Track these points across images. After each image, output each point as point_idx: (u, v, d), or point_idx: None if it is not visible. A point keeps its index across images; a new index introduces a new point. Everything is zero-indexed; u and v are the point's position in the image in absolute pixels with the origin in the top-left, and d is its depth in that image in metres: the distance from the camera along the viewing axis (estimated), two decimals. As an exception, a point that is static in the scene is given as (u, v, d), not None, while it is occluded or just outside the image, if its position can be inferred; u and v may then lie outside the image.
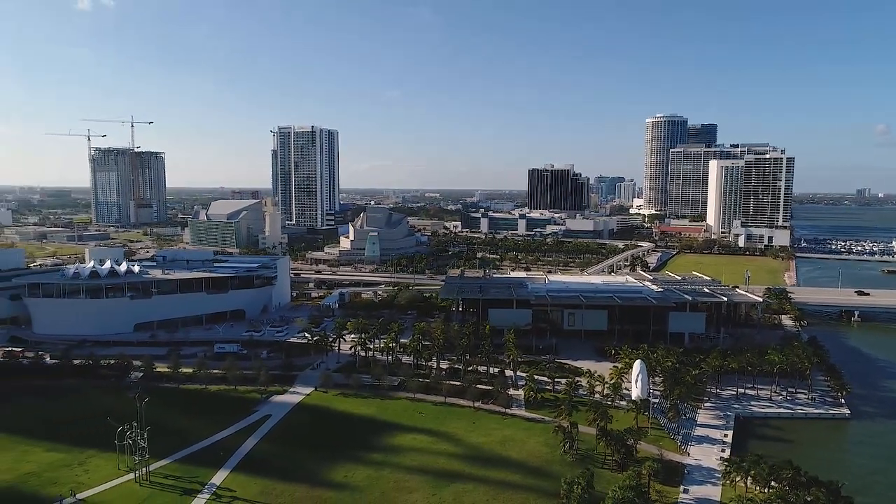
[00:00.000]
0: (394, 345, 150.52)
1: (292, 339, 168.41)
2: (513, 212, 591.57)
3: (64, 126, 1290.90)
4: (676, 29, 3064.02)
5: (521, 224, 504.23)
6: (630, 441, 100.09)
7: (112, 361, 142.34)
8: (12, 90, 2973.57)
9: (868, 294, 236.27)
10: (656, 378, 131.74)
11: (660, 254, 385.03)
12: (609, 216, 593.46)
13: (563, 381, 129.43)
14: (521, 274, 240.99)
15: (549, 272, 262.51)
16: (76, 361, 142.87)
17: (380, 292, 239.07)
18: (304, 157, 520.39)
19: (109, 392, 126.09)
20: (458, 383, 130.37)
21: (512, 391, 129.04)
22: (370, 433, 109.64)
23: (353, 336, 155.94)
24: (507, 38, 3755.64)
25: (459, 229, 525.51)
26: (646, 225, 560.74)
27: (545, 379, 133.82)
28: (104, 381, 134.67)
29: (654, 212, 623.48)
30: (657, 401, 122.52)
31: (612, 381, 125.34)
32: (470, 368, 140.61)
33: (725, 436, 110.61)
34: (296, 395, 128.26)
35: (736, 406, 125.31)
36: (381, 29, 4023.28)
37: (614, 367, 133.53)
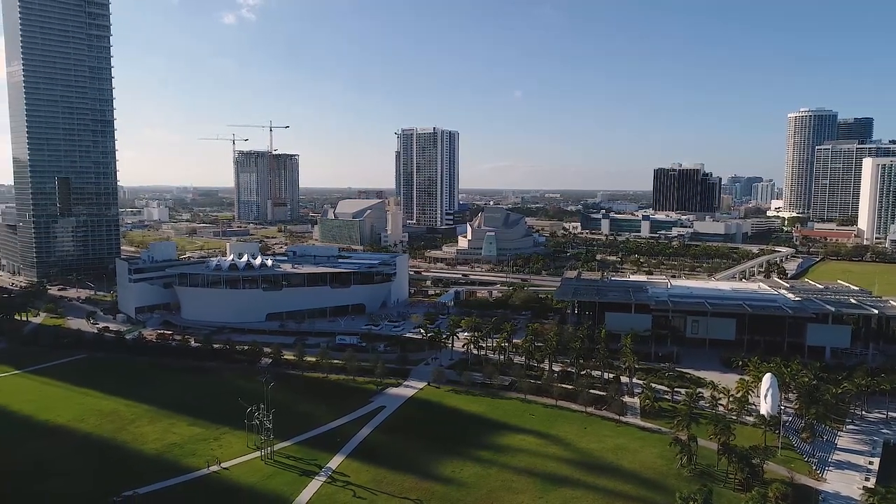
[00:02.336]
0: (506, 344, 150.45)
1: (408, 335, 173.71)
2: (636, 213, 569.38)
3: (213, 131, 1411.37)
4: (823, 15, 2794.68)
5: (645, 226, 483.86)
6: (756, 460, 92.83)
7: (246, 347, 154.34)
8: (174, 100, 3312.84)
9: None
10: (789, 395, 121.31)
11: (800, 260, 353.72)
12: (743, 219, 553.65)
13: (683, 391, 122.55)
14: (642, 277, 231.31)
15: (673, 276, 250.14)
16: (216, 346, 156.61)
17: (495, 292, 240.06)
18: (425, 158, 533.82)
19: (242, 375, 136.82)
20: (570, 387, 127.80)
21: (627, 398, 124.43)
22: (479, 431, 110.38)
23: (466, 334, 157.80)
24: (631, 33, 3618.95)
25: (579, 230, 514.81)
26: (785, 229, 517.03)
27: (664, 388, 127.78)
28: (238, 364, 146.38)
29: (795, 214, 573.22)
30: (789, 419, 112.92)
31: (739, 395, 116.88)
32: (583, 372, 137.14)
33: (871, 463, 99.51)
34: (409, 388, 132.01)
35: (885, 431, 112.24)
36: (502, 28, 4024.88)
37: (741, 379, 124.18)
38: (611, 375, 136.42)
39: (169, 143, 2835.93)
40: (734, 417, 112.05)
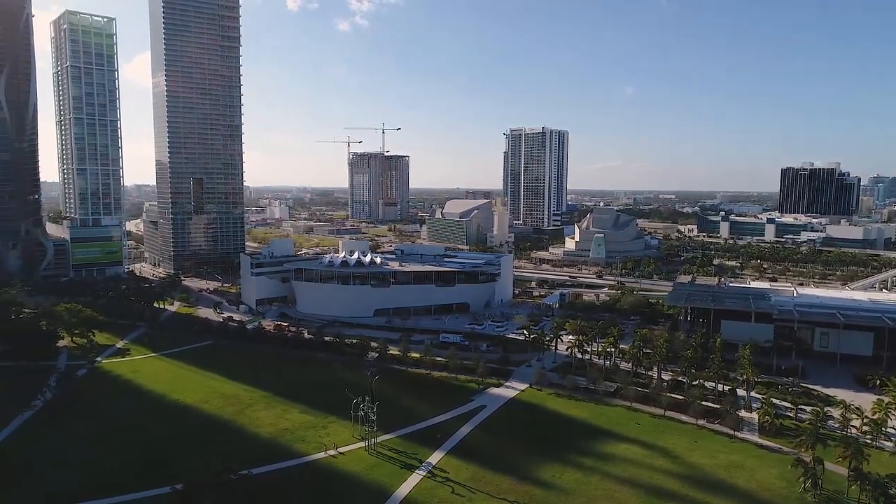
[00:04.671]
0: (612, 349, 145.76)
1: (511, 335, 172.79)
2: (759, 215, 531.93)
3: (330, 134, 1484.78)
4: None
5: (769, 229, 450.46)
6: (894, 490, 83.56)
7: (354, 341, 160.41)
8: (294, 105, 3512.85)
9: None
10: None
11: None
12: (886, 222, 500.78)
13: (809, 408, 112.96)
14: (764, 284, 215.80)
15: (800, 284, 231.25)
16: (326, 338, 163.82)
17: (602, 295, 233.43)
18: (533, 158, 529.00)
19: (350, 367, 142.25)
20: (680, 397, 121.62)
21: (743, 413, 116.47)
22: (581, 437, 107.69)
23: (570, 337, 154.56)
24: (755, 25, 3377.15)
25: (695, 233, 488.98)
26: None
27: (786, 404, 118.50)
28: (346, 357, 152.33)
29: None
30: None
31: (875, 417, 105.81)
32: (695, 383, 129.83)
33: None
34: (510, 389, 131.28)
35: None
36: (613, 23, 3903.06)
37: (879, 399, 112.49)
38: (726, 387, 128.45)
39: (290, 145, 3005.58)
40: (869, 441, 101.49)
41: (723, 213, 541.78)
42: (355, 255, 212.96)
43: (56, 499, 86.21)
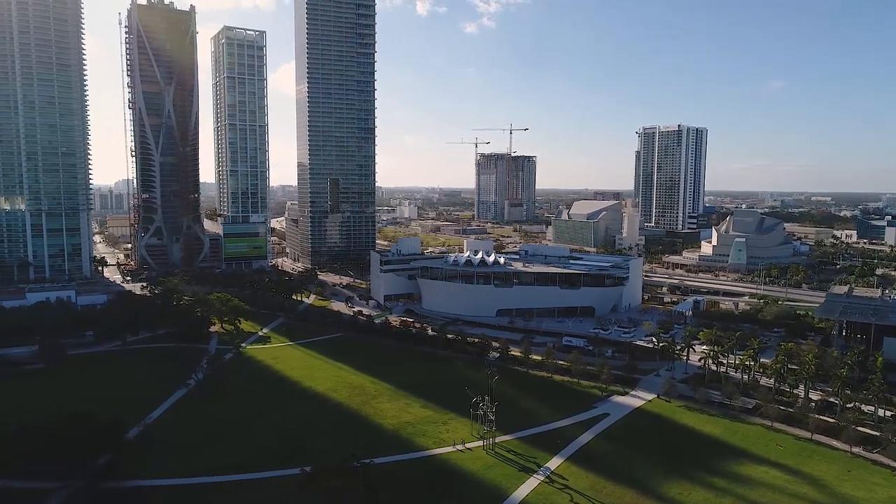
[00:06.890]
0: (752, 363, 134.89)
1: (638, 342, 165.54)
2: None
3: (459, 135, 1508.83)
4: None
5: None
6: None
7: (476, 340, 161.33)
8: (424, 107, 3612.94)
9: None
10: None
11: None
12: None
13: None
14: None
15: None
16: (449, 336, 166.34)
17: (741, 304, 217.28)
18: (667, 157, 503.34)
19: (471, 366, 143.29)
20: (831, 420, 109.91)
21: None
22: (713, 455, 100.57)
23: (704, 347, 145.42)
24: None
25: (853, 239, 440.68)
26: None
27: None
28: (468, 355, 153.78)
29: None
30: None
31: None
32: (850, 405, 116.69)
33: None
34: (636, 399, 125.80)
35: None
36: (756, 11, 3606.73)
37: None
38: (888, 413, 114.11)
39: (420, 146, 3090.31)
40: None
41: (889, 218, 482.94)
42: (479, 255, 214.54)
43: (197, 474, 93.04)
